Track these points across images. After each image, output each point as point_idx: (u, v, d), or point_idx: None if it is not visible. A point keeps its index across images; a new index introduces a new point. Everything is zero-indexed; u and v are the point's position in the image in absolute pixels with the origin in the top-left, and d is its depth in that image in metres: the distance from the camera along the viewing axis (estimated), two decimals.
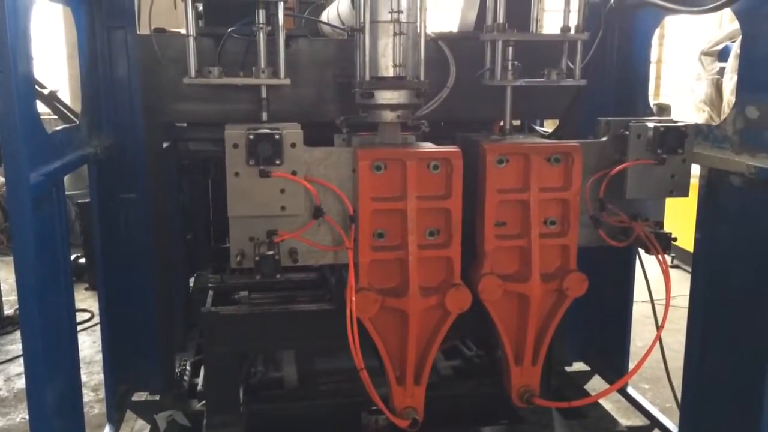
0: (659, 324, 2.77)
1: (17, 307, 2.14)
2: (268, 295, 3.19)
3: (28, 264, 2.06)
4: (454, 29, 3.45)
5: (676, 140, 2.62)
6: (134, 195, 2.97)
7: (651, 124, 2.64)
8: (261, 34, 2.65)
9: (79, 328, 5.36)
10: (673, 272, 6.19)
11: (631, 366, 3.16)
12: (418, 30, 2.64)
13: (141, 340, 3.17)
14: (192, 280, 4.24)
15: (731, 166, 2.56)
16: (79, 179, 5.82)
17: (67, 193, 6.43)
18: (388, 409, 2.65)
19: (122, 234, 3.03)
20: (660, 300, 2.82)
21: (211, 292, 3.17)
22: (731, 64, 5.91)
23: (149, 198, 2.99)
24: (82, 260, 6.52)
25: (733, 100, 2.65)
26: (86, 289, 6.28)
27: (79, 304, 5.80)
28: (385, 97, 2.61)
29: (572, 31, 2.82)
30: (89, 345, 5.20)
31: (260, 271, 2.39)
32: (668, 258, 7.20)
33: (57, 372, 2.37)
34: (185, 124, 3.42)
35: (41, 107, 5.29)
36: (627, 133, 2.67)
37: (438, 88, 3.01)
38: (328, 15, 3.81)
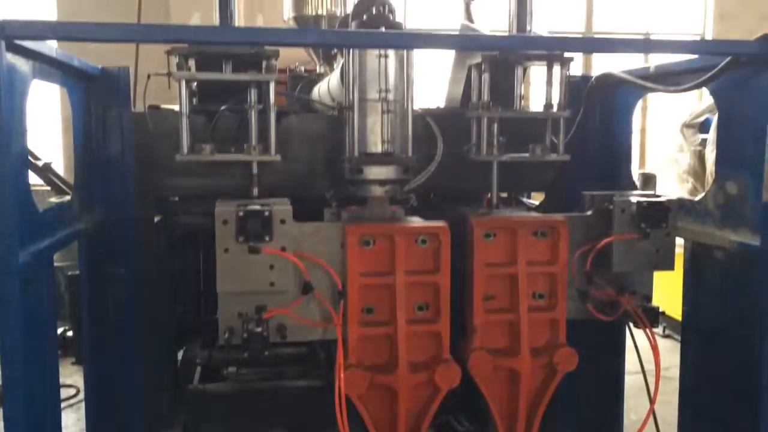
0: (651, 397, 2.75)
1: (1, 383, 2.11)
2: (257, 371, 3.15)
3: (14, 342, 2.04)
4: (441, 104, 3.55)
5: (659, 215, 2.67)
6: (124, 269, 2.97)
7: (634, 199, 2.69)
8: (252, 113, 2.71)
9: (64, 404, 5.25)
10: (664, 342, 6.20)
11: None
12: (406, 107, 2.72)
13: (127, 416, 3.10)
14: (181, 353, 4.18)
15: (714, 240, 2.60)
16: (70, 250, 5.81)
17: (56, 264, 6.33)
18: None
19: (110, 309, 3.00)
20: (652, 371, 2.81)
21: (198, 368, 3.13)
22: (712, 136, 6.06)
23: (139, 272, 2.99)
24: (70, 333, 6.41)
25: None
26: (73, 363, 6.14)
27: (64, 380, 5.67)
28: (374, 172, 2.67)
29: (554, 109, 2.91)
30: (74, 422, 5.05)
31: (248, 348, 2.39)
32: (659, 328, 7.12)
33: None
34: (177, 198, 3.45)
35: (34, 178, 5.33)
36: (611, 207, 2.73)
37: (426, 162, 3.07)
38: (320, 90, 3.91)
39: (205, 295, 4.28)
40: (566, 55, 2.89)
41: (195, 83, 3.06)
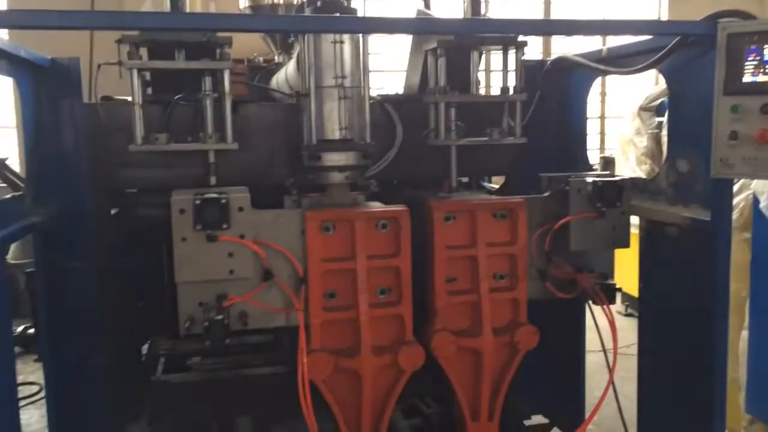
0: (610, 373, 2.81)
1: None
2: (222, 360, 3.13)
3: None
4: (400, 91, 3.56)
5: (614, 194, 2.72)
6: (81, 263, 2.92)
7: (590, 179, 2.74)
8: (207, 101, 2.69)
9: (27, 401, 5.16)
10: (627, 321, 6.33)
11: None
12: (363, 93, 2.72)
13: (90, 411, 3.05)
14: (146, 347, 4.14)
15: (667, 217, 2.66)
16: (29, 247, 5.68)
17: (17, 261, 6.19)
18: None
19: (69, 303, 2.95)
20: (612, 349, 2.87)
21: (162, 359, 3.10)
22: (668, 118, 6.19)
23: (97, 265, 2.94)
24: (32, 330, 6.30)
25: None
26: (35, 361, 6.04)
27: (27, 377, 5.59)
28: (332, 159, 2.67)
29: (511, 92, 2.94)
30: (37, 419, 4.97)
31: (209, 337, 2.38)
32: (623, 307, 7.24)
33: None
34: (135, 190, 3.40)
35: None
36: (568, 188, 2.77)
37: (386, 149, 3.08)
38: (277, 79, 3.89)
39: (169, 288, 4.25)
40: (520, 39, 2.92)
41: (148, 73, 3.01)
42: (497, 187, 3.77)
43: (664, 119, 6.43)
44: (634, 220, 2.84)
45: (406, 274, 2.59)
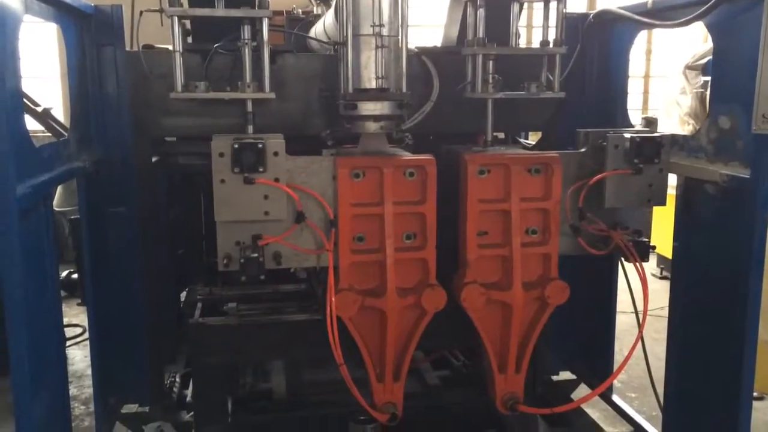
0: (639, 329, 2.80)
1: None
2: (257, 306, 3.22)
3: (15, 277, 2.08)
4: (438, 44, 3.53)
5: (653, 150, 2.67)
6: (123, 209, 3.01)
7: (628, 135, 2.69)
8: (246, 50, 2.71)
9: (70, 342, 5.40)
10: (662, 283, 6.26)
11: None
12: (400, 44, 2.70)
13: (130, 352, 3.19)
14: (183, 294, 4.26)
15: (705, 174, 2.62)
16: (73, 195, 5.84)
17: (60, 209, 6.39)
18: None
19: (111, 247, 3.06)
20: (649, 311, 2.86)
21: (199, 304, 3.20)
22: None
23: (138, 212, 3.03)
24: (75, 276, 6.54)
25: None
26: (79, 304, 6.29)
27: (71, 319, 5.83)
28: (368, 108, 2.67)
29: (551, 45, 2.89)
30: (80, 359, 5.21)
31: (245, 272, 2.47)
32: (658, 269, 7.15)
33: (44, 387, 2.38)
34: (174, 139, 3.47)
35: (36, 125, 5.33)
36: (605, 143, 2.73)
37: (423, 102, 3.07)
38: (316, 30, 3.88)
39: (207, 238, 4.35)
40: None
41: (189, 21, 3.04)
42: (533, 143, 3.74)
43: (710, 78, 6.24)
44: (671, 180, 2.79)
45: (431, 221, 2.62)
